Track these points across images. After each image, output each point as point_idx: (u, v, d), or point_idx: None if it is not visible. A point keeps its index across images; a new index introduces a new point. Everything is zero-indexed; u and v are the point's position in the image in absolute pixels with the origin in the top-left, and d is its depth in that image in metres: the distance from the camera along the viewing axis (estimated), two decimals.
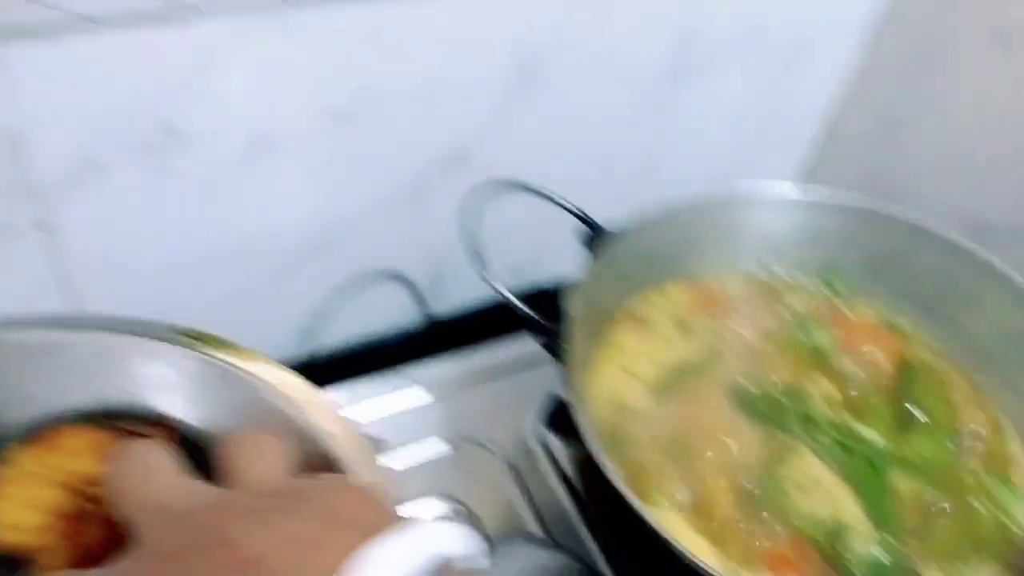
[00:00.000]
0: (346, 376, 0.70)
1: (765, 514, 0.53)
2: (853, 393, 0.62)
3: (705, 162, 0.80)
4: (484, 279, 0.51)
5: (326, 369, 0.75)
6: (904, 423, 0.61)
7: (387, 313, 0.77)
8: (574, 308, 0.54)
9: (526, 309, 0.51)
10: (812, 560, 0.52)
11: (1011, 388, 0.62)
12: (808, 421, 0.60)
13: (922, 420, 0.61)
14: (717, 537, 0.52)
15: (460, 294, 0.80)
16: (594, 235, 0.57)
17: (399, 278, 0.74)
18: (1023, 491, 0.57)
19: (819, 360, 0.64)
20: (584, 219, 0.57)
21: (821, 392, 0.62)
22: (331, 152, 0.61)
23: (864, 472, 0.57)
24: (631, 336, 0.64)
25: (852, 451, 0.58)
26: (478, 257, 0.51)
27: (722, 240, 0.66)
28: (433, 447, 0.65)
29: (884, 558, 0.53)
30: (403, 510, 0.29)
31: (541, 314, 0.53)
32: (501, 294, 0.50)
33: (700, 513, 0.52)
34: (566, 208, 0.56)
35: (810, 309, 0.68)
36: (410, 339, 0.78)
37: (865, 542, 0.53)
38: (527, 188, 0.56)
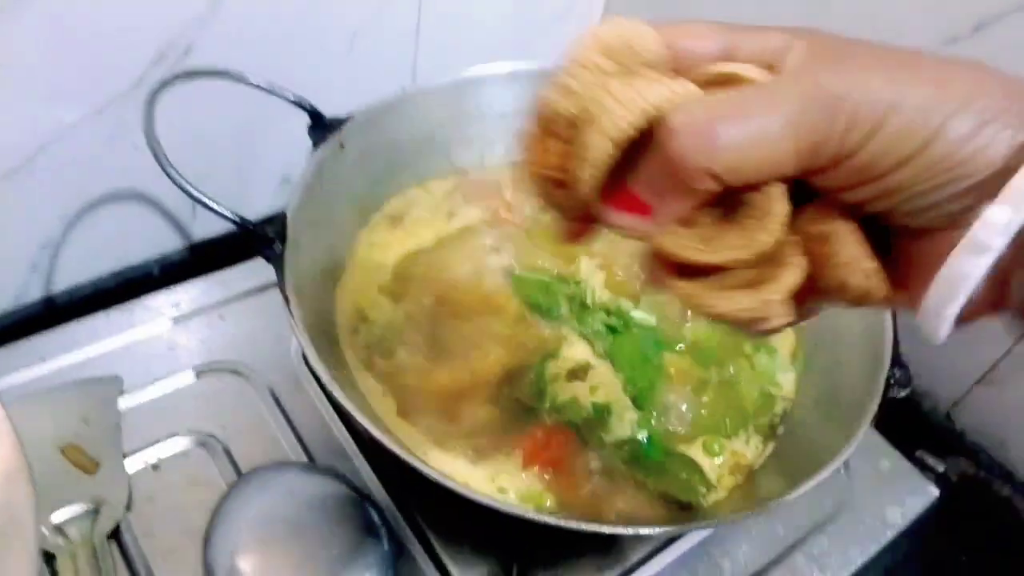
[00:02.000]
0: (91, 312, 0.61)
1: (520, 403, 0.51)
2: (627, 275, 0.60)
3: (475, 45, 0.73)
4: (171, 178, 0.44)
5: (67, 309, 0.67)
6: None
7: (138, 241, 0.68)
8: (295, 206, 0.48)
9: (224, 211, 0.44)
10: (570, 445, 0.50)
11: None
12: (580, 306, 0.57)
13: None
14: (452, 428, 0.49)
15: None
16: (316, 123, 0.51)
17: (144, 199, 0.66)
18: (784, 357, 0.57)
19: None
20: (302, 106, 0.50)
21: (596, 277, 0.59)
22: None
23: (632, 354, 0.55)
24: (389, 236, 0.59)
25: (621, 334, 0.56)
26: (158, 154, 0.44)
27: (477, 126, 0.61)
28: (182, 378, 0.58)
29: (642, 436, 0.51)
30: None
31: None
32: (191, 195, 0.43)
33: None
34: (279, 95, 0.49)
35: None
36: (169, 267, 0.70)
37: (626, 423, 0.52)
38: (232, 76, 0.49)
